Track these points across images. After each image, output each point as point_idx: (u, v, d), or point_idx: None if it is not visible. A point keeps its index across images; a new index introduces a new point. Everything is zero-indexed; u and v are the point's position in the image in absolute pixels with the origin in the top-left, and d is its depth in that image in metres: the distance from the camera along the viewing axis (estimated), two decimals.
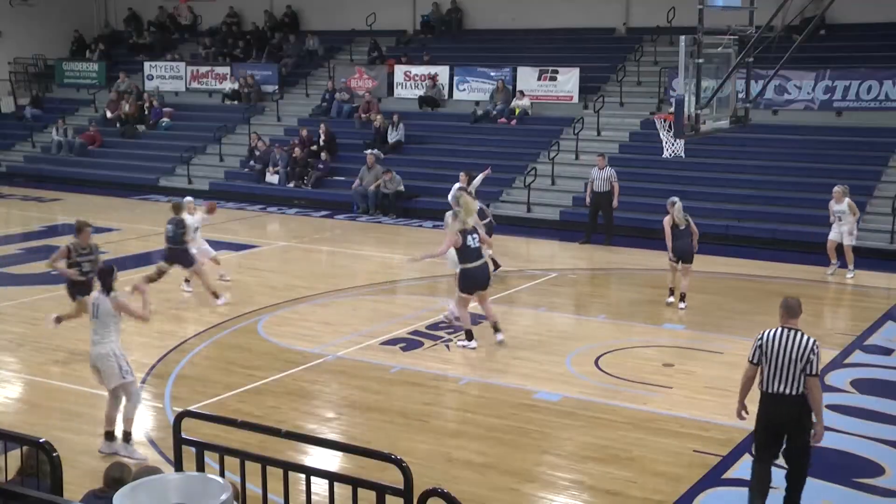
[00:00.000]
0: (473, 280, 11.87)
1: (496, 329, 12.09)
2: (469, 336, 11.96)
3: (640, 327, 13.13)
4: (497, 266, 15.42)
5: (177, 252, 13.92)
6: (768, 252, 17.72)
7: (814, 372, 7.16)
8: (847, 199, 15.70)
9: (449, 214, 12.21)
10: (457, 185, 16.81)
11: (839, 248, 15.86)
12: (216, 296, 13.79)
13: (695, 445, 8.97)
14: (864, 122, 20.78)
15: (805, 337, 7.22)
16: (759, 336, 7.33)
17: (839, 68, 21.10)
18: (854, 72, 20.91)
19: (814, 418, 7.31)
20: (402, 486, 4.54)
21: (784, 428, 7.36)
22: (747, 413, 7.61)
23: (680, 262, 13.72)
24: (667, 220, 13.71)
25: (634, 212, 19.87)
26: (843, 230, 15.74)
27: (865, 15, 22.63)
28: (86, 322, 12.96)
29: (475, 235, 11.93)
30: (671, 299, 14.03)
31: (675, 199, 13.95)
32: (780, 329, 7.29)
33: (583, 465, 8.58)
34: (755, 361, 7.35)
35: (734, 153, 20.99)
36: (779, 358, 7.18)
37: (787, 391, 7.20)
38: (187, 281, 14.67)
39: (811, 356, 7.14)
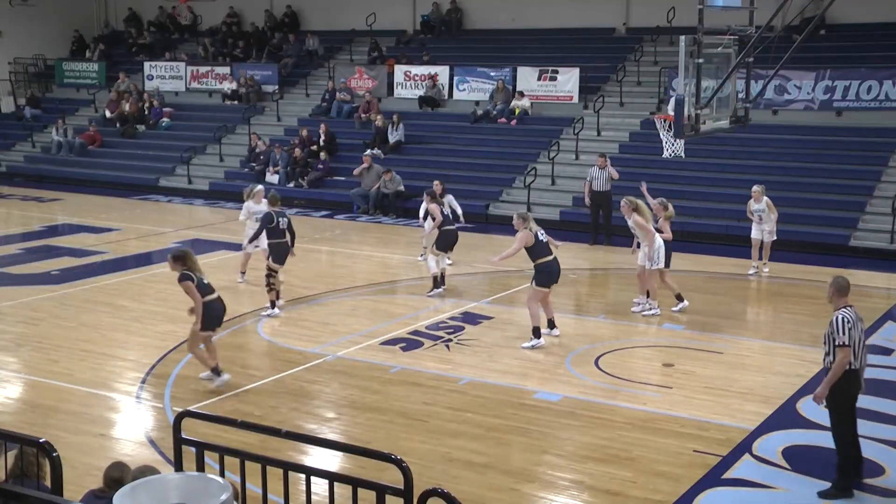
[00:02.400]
0: (549, 274, 12.03)
1: (553, 325, 12.35)
2: (537, 334, 11.97)
3: (640, 327, 13.13)
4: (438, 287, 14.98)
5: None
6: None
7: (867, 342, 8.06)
8: (765, 199, 15.90)
9: (516, 216, 12.32)
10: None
11: (761, 245, 16.07)
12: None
13: (695, 445, 8.97)
14: (864, 122, 20.79)
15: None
16: (847, 319, 7.63)
17: (839, 68, 21.11)
18: (854, 72, 20.91)
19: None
20: (402, 486, 4.53)
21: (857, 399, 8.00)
22: None
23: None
24: (667, 225, 13.64)
25: None
26: (764, 228, 15.91)
27: (865, 15, 22.65)
28: (86, 322, 13.01)
29: (542, 231, 12.20)
30: (684, 304, 13.84)
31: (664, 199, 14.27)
32: (851, 309, 7.76)
33: (583, 465, 8.58)
34: (849, 343, 7.61)
35: (734, 153, 21.00)
36: (859, 335, 7.73)
37: (864, 364, 7.89)
38: (243, 273, 14.86)
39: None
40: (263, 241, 13.75)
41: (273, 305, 13.41)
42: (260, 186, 15.54)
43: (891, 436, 9.19)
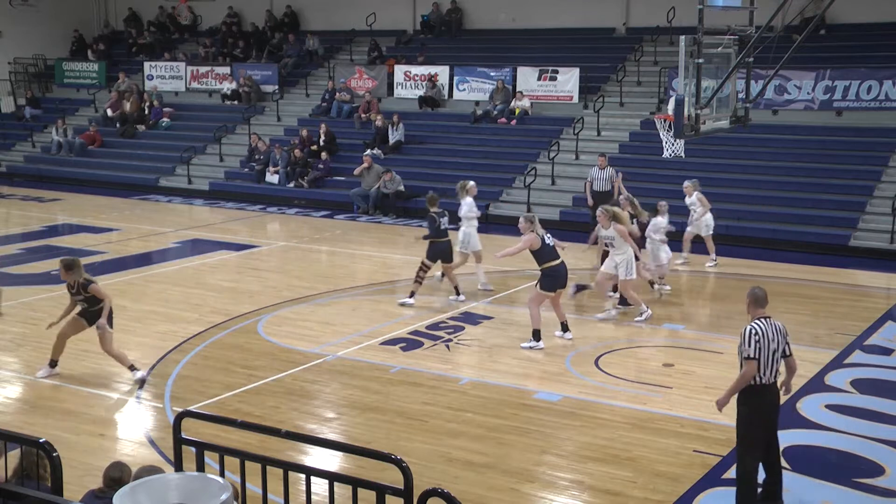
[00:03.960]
0: (555, 278, 12.01)
1: (566, 328, 12.29)
2: (537, 336, 11.92)
3: (640, 327, 13.12)
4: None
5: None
6: (768, 252, 17.73)
7: (790, 353, 7.57)
8: (696, 193, 16.18)
9: (522, 219, 12.26)
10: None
11: (695, 239, 16.47)
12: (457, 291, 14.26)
13: (695, 445, 8.97)
14: (864, 122, 20.80)
15: (778, 322, 7.52)
16: (754, 332, 7.31)
17: (839, 68, 21.11)
18: (854, 72, 20.92)
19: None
20: (402, 486, 4.54)
21: (774, 415, 7.53)
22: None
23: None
24: (632, 230, 13.29)
25: None
26: (698, 223, 16.21)
27: (865, 15, 22.65)
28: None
29: (549, 234, 12.22)
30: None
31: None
32: (763, 320, 7.42)
33: (583, 465, 8.58)
34: (756, 357, 7.28)
35: (734, 153, 21.00)
36: (770, 349, 7.33)
37: (774, 379, 7.43)
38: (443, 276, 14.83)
39: (787, 338, 7.54)
40: (475, 241, 14.75)
41: (412, 295, 13.89)
42: (472, 182, 15.54)
43: (891, 436, 9.18)
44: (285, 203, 23.73)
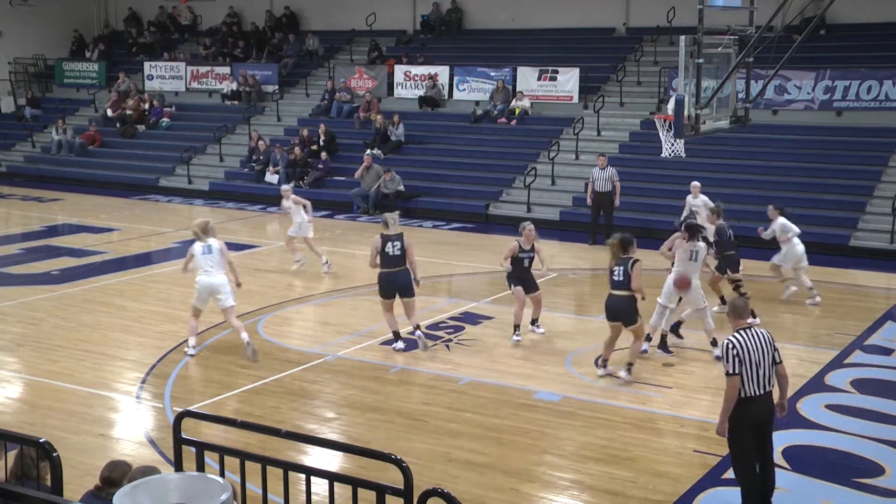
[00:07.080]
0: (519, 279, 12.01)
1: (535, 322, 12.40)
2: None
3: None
4: None
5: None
6: (768, 252, 17.69)
7: (781, 360, 7.25)
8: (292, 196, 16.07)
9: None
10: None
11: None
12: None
13: (695, 445, 8.97)
14: (864, 122, 20.80)
15: (763, 330, 7.28)
16: (731, 346, 7.01)
17: (839, 68, 21.11)
18: (854, 72, 20.92)
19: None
20: (402, 486, 4.54)
21: (766, 424, 7.31)
22: None
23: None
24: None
25: (634, 212, 19.89)
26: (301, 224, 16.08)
27: (865, 15, 22.66)
28: (86, 322, 13.02)
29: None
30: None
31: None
32: (744, 332, 7.15)
33: (583, 465, 8.58)
34: (737, 372, 7.03)
35: (734, 153, 21.00)
36: (752, 360, 7.04)
37: (764, 391, 7.14)
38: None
39: (775, 346, 7.23)
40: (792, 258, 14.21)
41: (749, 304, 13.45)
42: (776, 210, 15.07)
43: (891, 436, 9.18)
44: None
